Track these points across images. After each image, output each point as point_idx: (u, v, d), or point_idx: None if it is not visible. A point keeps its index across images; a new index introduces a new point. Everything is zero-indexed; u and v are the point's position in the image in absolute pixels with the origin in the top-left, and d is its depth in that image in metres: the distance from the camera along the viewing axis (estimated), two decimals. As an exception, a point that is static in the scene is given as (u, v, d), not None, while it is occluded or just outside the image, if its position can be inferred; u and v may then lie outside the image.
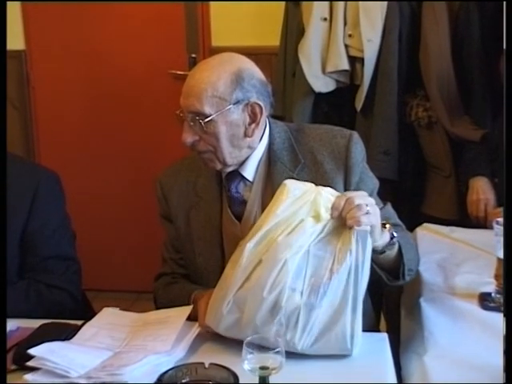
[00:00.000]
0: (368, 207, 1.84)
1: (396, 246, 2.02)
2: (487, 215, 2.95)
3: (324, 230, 1.86)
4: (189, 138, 2.09)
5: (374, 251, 1.93)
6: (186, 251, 2.33)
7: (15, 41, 4.85)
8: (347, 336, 1.80)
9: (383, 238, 1.96)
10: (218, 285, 1.91)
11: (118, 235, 4.66)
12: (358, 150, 2.20)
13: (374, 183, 2.29)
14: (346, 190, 2.13)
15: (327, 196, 1.88)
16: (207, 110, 2.07)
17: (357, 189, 2.13)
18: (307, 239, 1.83)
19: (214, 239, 2.26)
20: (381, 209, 2.04)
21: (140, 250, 4.66)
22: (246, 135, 2.13)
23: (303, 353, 1.84)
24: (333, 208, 1.85)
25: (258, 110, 2.13)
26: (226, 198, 2.25)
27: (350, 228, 1.81)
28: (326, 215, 1.86)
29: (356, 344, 1.83)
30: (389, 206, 2.27)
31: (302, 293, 1.79)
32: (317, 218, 1.86)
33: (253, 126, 2.14)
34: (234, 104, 2.10)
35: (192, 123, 2.10)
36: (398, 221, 2.27)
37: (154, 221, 2.56)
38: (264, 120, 2.19)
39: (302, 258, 1.82)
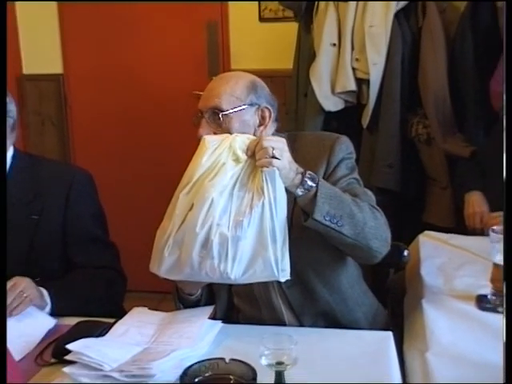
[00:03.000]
0: (275, 151, 1.86)
1: (310, 193, 1.93)
2: (483, 226, 2.93)
3: (243, 170, 1.92)
4: (204, 132, 2.12)
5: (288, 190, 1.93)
6: None
7: (54, 65, 4.90)
8: (272, 263, 1.84)
9: (293, 182, 1.92)
10: (156, 237, 1.96)
11: (146, 241, 4.64)
12: (342, 148, 2.21)
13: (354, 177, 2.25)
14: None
15: (242, 140, 1.94)
16: (225, 106, 2.15)
17: (331, 175, 2.15)
18: (229, 179, 1.89)
19: None
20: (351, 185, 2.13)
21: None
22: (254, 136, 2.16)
23: (236, 282, 1.90)
24: (247, 149, 1.90)
25: (267, 114, 2.22)
26: None
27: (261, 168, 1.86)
28: (243, 156, 1.92)
29: (282, 270, 1.86)
30: (360, 187, 2.22)
31: (228, 227, 1.84)
32: (236, 160, 1.92)
33: (261, 128, 2.21)
34: (248, 105, 2.18)
35: (209, 119, 2.16)
36: (367, 195, 2.17)
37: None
38: (271, 127, 2.24)
39: (227, 198, 1.88)
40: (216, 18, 4.61)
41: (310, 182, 1.92)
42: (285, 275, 1.89)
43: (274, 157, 1.86)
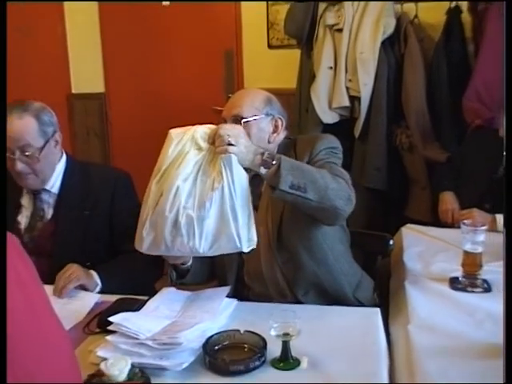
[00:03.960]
0: (230, 138, 1.83)
1: (273, 169, 1.85)
2: (454, 220, 2.92)
3: (205, 157, 1.87)
4: None
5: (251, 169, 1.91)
6: None
7: (98, 86, 4.93)
8: (235, 237, 1.82)
9: (254, 162, 1.88)
10: (139, 222, 1.93)
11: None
12: (324, 142, 2.16)
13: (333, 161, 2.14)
14: None
15: (203, 129, 1.90)
16: (246, 114, 2.15)
17: (310, 162, 2.10)
18: (193, 167, 1.86)
19: None
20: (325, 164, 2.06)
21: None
22: (268, 141, 2.18)
23: (205, 255, 1.89)
24: (208, 138, 1.87)
25: (279, 123, 2.22)
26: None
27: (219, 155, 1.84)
28: (205, 145, 1.88)
29: (248, 241, 1.85)
30: (335, 166, 2.09)
31: (193, 209, 1.82)
32: (200, 149, 1.88)
33: (274, 135, 2.20)
34: (265, 115, 2.19)
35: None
36: (334, 170, 2.04)
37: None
38: (282, 133, 2.23)
39: (192, 184, 1.84)
40: (232, 46, 4.63)
41: (269, 160, 1.87)
42: (250, 245, 1.88)
43: (230, 144, 1.82)
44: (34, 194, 2.48)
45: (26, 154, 2.33)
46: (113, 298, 2.11)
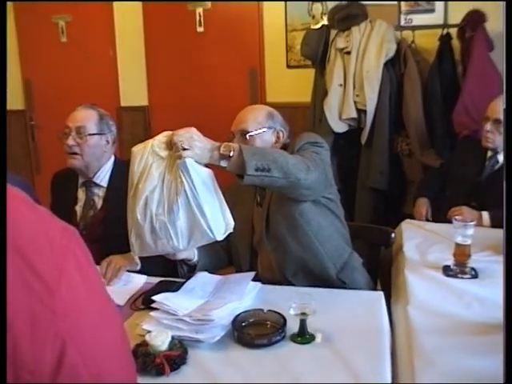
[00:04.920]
0: (183, 144, 1.73)
1: (235, 159, 1.78)
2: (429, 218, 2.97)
3: (167, 165, 1.80)
4: None
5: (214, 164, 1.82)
6: None
7: (142, 100, 4.95)
8: (207, 230, 1.79)
9: (213, 158, 1.79)
10: (128, 231, 1.89)
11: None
12: (304, 137, 2.10)
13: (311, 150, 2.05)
14: None
15: (159, 139, 1.80)
16: (251, 128, 2.14)
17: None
18: (158, 177, 1.80)
19: (247, 219, 2.26)
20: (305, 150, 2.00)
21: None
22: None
23: (185, 249, 1.90)
24: (165, 145, 1.79)
25: (281, 135, 2.20)
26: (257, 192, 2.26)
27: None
28: (164, 153, 1.79)
29: (217, 232, 1.81)
30: (309, 152, 2.01)
31: (164, 214, 1.79)
32: (161, 159, 1.79)
33: (276, 145, 2.19)
34: (267, 128, 2.17)
35: (239, 139, 2.14)
36: (309, 155, 1.99)
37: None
38: (282, 144, 2.20)
39: (159, 192, 1.80)
40: (256, 66, 4.63)
41: (227, 152, 1.78)
42: (227, 230, 1.86)
43: (184, 148, 1.74)
44: (87, 187, 2.52)
45: (79, 134, 2.44)
46: (155, 280, 2.13)
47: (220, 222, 1.84)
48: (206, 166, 1.84)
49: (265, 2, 4.52)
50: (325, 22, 4.08)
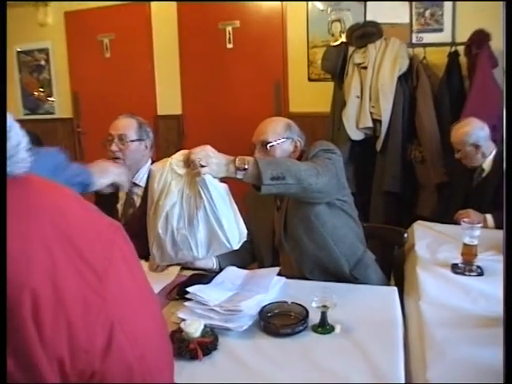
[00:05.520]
0: (201, 161, 1.69)
1: (251, 170, 1.76)
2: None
3: (186, 181, 1.75)
4: (259, 156, 2.09)
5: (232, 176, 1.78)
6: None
7: (176, 109, 4.98)
8: (224, 241, 1.77)
9: (229, 172, 1.75)
10: (149, 242, 1.86)
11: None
12: (317, 145, 2.08)
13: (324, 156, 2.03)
14: None
15: (177, 158, 1.76)
16: (270, 139, 2.12)
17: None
18: (177, 193, 1.76)
19: (269, 222, 2.25)
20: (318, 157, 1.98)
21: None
22: None
23: (204, 258, 1.86)
24: (183, 163, 1.75)
25: (298, 144, 2.18)
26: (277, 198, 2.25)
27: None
28: (182, 171, 1.75)
29: (233, 241, 1.79)
30: (321, 158, 2.00)
31: (185, 228, 1.76)
32: (179, 175, 1.75)
33: (294, 153, 2.18)
34: (285, 139, 2.15)
35: (260, 149, 2.14)
36: (321, 161, 1.98)
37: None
38: (300, 152, 2.19)
39: (179, 207, 1.76)
40: (280, 79, 4.63)
41: (242, 165, 1.75)
42: (241, 239, 1.82)
43: (202, 166, 1.69)
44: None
45: (121, 140, 2.47)
46: (188, 272, 2.13)
47: (235, 232, 1.81)
48: (222, 180, 1.82)
49: (288, 21, 4.53)
50: (343, 39, 4.08)
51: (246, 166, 1.76)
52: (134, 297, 0.66)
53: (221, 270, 2.12)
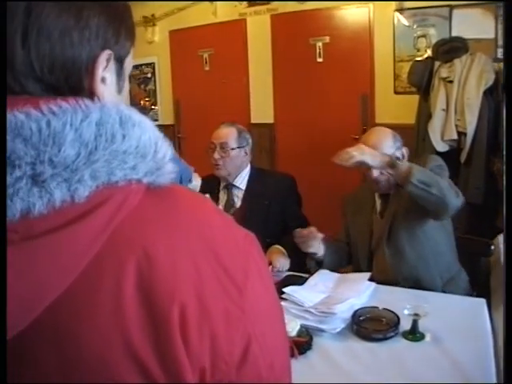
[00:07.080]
0: (354, 152, 1.92)
1: (401, 170, 1.89)
2: None
3: None
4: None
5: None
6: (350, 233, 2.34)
7: (269, 118, 5.02)
8: None
9: (382, 163, 1.94)
10: None
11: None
12: (433, 161, 2.12)
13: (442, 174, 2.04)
14: None
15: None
16: (385, 150, 2.09)
17: None
18: None
19: (367, 225, 2.24)
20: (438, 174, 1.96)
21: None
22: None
23: None
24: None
25: (405, 152, 2.22)
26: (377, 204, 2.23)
27: None
28: None
29: None
30: (434, 174, 1.96)
31: None
32: None
33: (403, 160, 2.14)
34: (395, 149, 2.17)
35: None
36: (446, 180, 1.99)
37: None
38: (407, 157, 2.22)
39: None
40: (367, 91, 4.55)
41: (395, 162, 1.92)
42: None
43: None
44: (228, 189, 2.60)
45: (223, 148, 2.50)
46: (283, 274, 2.15)
47: None
48: None
49: (375, 37, 4.45)
50: (429, 54, 3.97)
51: (401, 163, 1.90)
52: (267, 308, 0.64)
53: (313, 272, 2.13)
